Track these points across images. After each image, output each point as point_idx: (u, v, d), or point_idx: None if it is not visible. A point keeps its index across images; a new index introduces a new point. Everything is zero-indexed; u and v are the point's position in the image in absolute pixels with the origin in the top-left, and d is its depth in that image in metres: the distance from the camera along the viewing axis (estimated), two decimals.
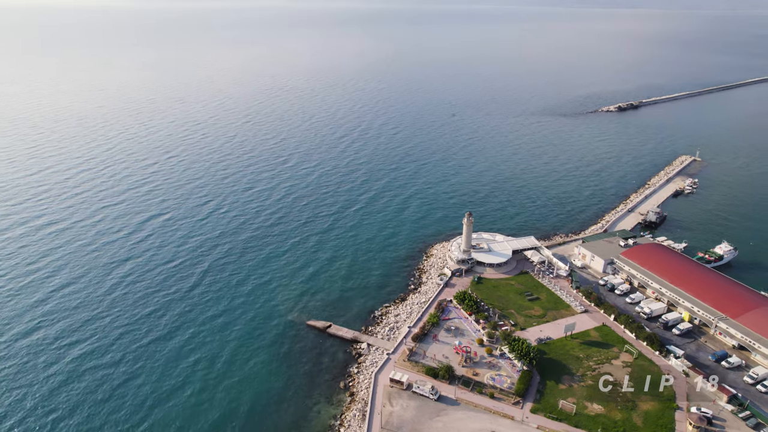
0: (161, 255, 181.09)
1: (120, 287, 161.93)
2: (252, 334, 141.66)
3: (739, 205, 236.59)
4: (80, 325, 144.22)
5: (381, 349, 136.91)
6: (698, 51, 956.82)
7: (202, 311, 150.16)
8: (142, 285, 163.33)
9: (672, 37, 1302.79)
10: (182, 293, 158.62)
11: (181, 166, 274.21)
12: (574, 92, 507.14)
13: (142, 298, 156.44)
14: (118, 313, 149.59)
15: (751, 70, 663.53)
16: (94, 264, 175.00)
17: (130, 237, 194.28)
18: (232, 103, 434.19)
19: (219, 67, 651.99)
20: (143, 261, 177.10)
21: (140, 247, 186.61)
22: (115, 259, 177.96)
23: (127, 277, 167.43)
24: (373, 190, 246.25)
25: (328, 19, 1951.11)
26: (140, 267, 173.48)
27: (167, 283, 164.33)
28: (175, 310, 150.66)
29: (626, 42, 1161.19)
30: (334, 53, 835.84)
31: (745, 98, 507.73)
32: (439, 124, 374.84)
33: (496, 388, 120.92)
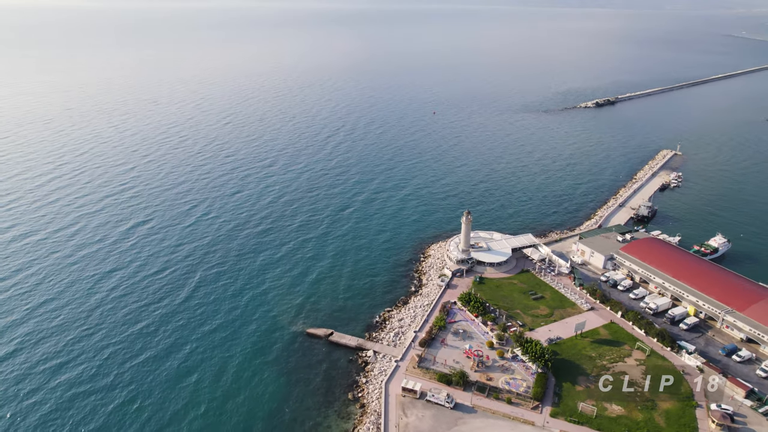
0: (149, 265, 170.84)
1: (106, 302, 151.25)
2: (252, 348, 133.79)
3: (724, 198, 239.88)
4: (65, 346, 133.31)
5: (388, 356, 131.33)
6: (664, 49, 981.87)
7: (197, 325, 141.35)
8: (130, 299, 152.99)
9: (638, 36, 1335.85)
10: (175, 306, 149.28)
11: (162, 170, 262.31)
12: (552, 89, 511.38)
13: (131, 314, 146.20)
14: (107, 330, 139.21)
15: (715, 67, 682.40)
16: (75, 278, 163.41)
17: (113, 247, 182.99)
18: (208, 104, 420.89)
19: (194, 67, 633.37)
20: (129, 272, 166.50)
21: (125, 258, 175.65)
22: (98, 272, 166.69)
23: (113, 290, 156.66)
24: (366, 191, 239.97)
25: (305, 19, 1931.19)
26: (127, 279, 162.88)
27: (158, 295, 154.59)
28: (168, 324, 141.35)
29: (595, 40, 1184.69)
30: (309, 53, 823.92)
31: (712, 93, 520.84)
32: (424, 122, 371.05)
33: (512, 393, 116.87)
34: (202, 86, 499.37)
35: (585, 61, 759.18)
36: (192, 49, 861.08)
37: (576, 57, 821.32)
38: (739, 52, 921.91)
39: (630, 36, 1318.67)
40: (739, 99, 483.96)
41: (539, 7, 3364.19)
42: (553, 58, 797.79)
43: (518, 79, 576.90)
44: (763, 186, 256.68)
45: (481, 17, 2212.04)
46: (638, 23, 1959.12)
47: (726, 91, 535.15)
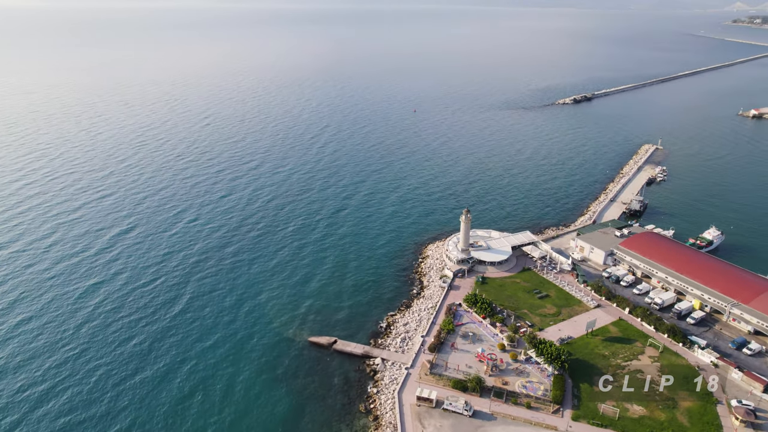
0: (136, 277, 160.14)
1: (92, 319, 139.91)
2: (255, 362, 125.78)
3: (710, 191, 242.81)
4: (49, 370, 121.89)
5: (397, 363, 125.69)
6: (632, 47, 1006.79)
7: (194, 340, 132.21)
8: (118, 314, 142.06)
9: (606, 34, 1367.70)
10: (168, 320, 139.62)
11: (141, 174, 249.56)
12: (529, 86, 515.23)
13: (121, 330, 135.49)
14: (95, 350, 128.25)
15: (681, 64, 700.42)
16: (56, 293, 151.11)
17: (96, 258, 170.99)
18: (183, 105, 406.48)
19: (165, 68, 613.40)
20: (116, 285, 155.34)
21: (109, 269, 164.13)
22: (80, 286, 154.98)
23: (99, 306, 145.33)
24: (359, 192, 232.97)
25: (275, 20, 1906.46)
26: (113, 293, 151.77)
27: (148, 309, 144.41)
28: (162, 341, 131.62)
29: (565, 39, 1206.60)
30: (284, 54, 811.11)
31: (682, 89, 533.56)
32: (408, 121, 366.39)
33: (531, 397, 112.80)
34: (175, 87, 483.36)
35: (558, 59, 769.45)
36: (162, 50, 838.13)
37: (549, 55, 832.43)
38: (701, 49, 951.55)
39: (599, 34, 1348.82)
40: (709, 94, 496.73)
41: (505, 6, 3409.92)
42: (526, 56, 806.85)
43: (494, 77, 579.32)
44: (745, 178, 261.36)
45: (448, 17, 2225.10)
46: (605, 22, 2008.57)
47: (695, 87, 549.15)
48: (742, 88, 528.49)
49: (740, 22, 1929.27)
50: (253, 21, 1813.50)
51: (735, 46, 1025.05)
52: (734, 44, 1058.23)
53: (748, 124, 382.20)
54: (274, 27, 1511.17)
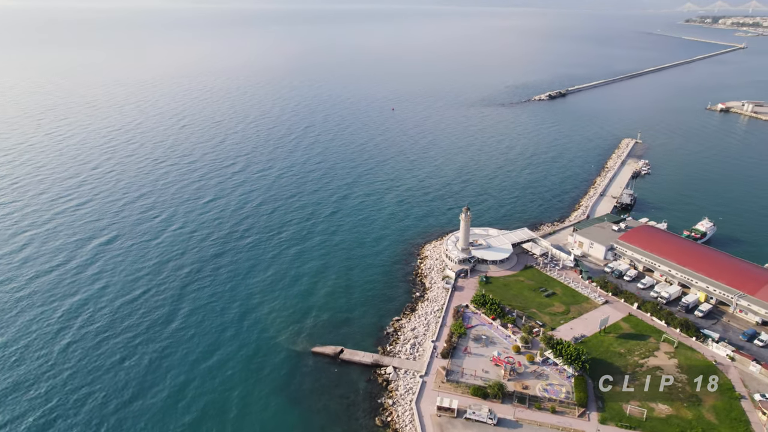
0: (122, 290, 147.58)
1: (78, 340, 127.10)
2: (258, 376, 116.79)
3: (694, 183, 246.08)
4: (32, 402, 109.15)
5: (410, 371, 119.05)
6: (595, 44, 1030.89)
7: (190, 355, 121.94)
8: (107, 333, 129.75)
9: (568, 33, 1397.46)
10: (161, 335, 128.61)
11: (117, 179, 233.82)
12: (503, 83, 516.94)
13: (111, 351, 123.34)
14: (83, 375, 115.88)
15: (644, 61, 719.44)
16: (34, 313, 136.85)
17: (76, 272, 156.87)
18: (154, 107, 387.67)
19: (131, 69, 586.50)
20: (101, 301, 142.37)
21: (92, 283, 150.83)
22: (61, 303, 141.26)
23: (84, 325, 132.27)
24: (350, 194, 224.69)
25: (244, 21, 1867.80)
26: (99, 309, 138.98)
27: (138, 324, 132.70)
28: (159, 360, 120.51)
29: (530, 37, 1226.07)
30: (256, 54, 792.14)
31: (650, 85, 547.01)
32: (384, 118, 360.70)
33: (554, 401, 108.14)
34: (143, 88, 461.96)
35: (527, 57, 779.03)
36: (128, 51, 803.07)
37: (517, 53, 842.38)
38: (662, 47, 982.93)
39: (562, 33, 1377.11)
40: (676, 90, 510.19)
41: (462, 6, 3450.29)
42: (496, 55, 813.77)
43: (467, 75, 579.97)
44: (725, 170, 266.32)
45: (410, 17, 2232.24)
46: (565, 21, 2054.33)
47: (661, 82, 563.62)
48: (704, 84, 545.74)
49: (693, 21, 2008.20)
50: (224, 22, 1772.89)
51: (692, 44, 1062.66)
52: (691, 42, 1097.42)
53: (716, 117, 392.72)
54: (244, 28, 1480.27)
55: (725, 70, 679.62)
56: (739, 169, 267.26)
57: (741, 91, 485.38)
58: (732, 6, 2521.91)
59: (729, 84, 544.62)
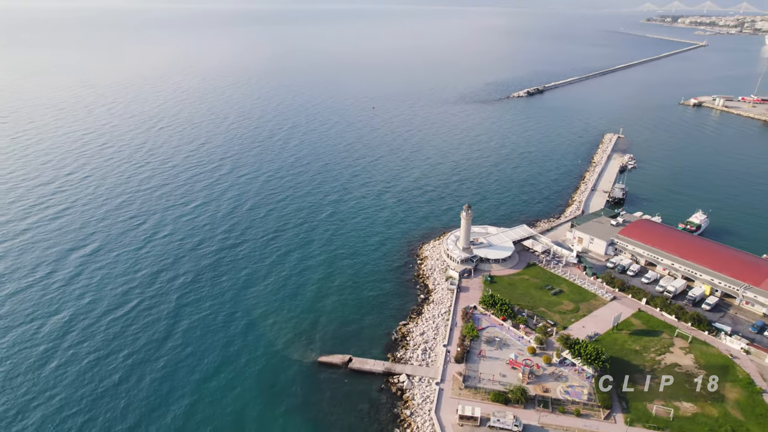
0: (107, 301, 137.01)
1: (65, 360, 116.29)
2: (266, 392, 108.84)
3: (680, 176, 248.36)
4: (17, 420, 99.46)
5: (425, 378, 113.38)
6: (565, 42, 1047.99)
7: (191, 371, 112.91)
8: (96, 351, 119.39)
9: (538, 31, 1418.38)
10: (154, 349, 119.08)
11: (92, 184, 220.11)
12: (480, 81, 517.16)
13: (102, 370, 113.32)
14: (69, 394, 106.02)
15: (613, 58, 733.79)
16: (15, 334, 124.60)
17: (58, 285, 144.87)
18: (124, 108, 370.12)
19: (98, 70, 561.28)
20: (88, 316, 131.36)
21: (72, 295, 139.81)
22: (39, 316, 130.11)
23: (72, 344, 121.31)
24: (342, 195, 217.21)
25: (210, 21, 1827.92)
26: (81, 321, 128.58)
27: (128, 339, 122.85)
28: (153, 375, 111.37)
29: (501, 36, 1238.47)
30: (228, 54, 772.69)
31: (622, 81, 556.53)
32: (368, 117, 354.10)
33: (577, 403, 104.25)
34: (111, 89, 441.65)
35: (500, 55, 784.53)
36: (97, 52, 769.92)
37: (491, 51, 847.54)
38: (629, 45, 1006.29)
39: (531, 31, 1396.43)
40: (648, 85, 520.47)
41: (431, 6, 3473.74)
42: (469, 53, 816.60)
43: (443, 73, 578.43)
44: (708, 163, 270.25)
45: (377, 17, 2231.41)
46: (531, 21, 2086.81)
47: (633, 79, 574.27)
48: (673, 80, 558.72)
49: (653, 20, 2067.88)
50: (195, 23, 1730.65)
51: (656, 41, 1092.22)
52: (655, 40, 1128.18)
53: (691, 112, 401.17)
54: (216, 28, 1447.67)
55: (690, 66, 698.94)
56: (721, 162, 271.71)
57: (708, 87, 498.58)
58: (688, 6, 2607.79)
59: (696, 80, 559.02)
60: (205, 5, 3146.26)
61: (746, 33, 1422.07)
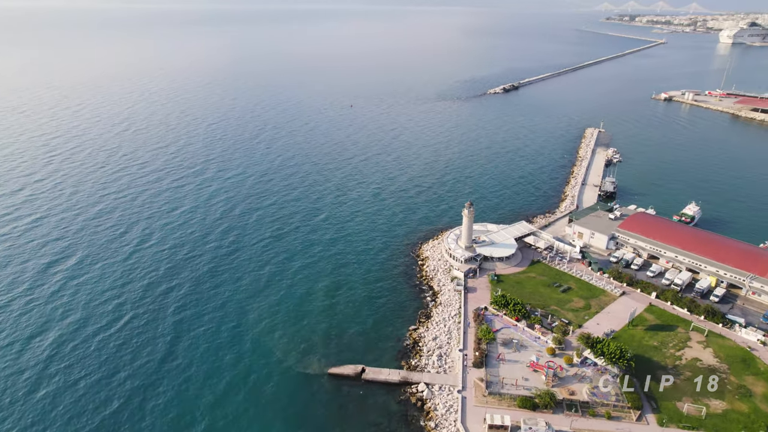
0: (93, 318, 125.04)
1: (46, 380, 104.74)
2: (281, 413, 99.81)
3: (664, 168, 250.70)
4: None
5: (445, 386, 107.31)
6: (534, 40, 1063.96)
7: (189, 388, 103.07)
8: (81, 368, 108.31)
9: (506, 30, 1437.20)
10: (149, 368, 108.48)
11: (66, 191, 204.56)
12: (455, 78, 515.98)
13: (90, 390, 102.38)
14: (61, 424, 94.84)
15: (582, 55, 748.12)
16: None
17: (33, 299, 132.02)
18: (91, 110, 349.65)
19: (57, 71, 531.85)
20: (68, 332, 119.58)
21: (54, 312, 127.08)
22: (18, 338, 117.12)
23: (49, 360, 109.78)
24: (329, 194, 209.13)
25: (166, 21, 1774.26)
26: (67, 341, 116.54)
27: (120, 358, 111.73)
28: (154, 400, 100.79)
29: (469, 34, 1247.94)
30: (193, 54, 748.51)
31: (593, 77, 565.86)
32: (351, 116, 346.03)
33: (607, 405, 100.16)
34: (77, 91, 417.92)
35: (472, 53, 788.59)
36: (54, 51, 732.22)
37: (462, 49, 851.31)
38: (593, 42, 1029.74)
39: (497, 30, 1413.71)
40: (618, 81, 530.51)
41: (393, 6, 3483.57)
42: (440, 51, 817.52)
43: (418, 72, 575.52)
44: (690, 155, 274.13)
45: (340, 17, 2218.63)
46: (497, 20, 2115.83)
47: (602, 75, 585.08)
48: (639, 76, 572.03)
49: (612, 19, 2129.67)
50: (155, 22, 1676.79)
51: (618, 39, 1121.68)
52: (617, 38, 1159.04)
53: (662, 106, 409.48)
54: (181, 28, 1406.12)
55: (654, 62, 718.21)
56: (701, 154, 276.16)
57: (674, 82, 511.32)
58: (643, 6, 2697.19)
59: (662, 75, 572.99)
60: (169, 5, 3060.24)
61: (700, 31, 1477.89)
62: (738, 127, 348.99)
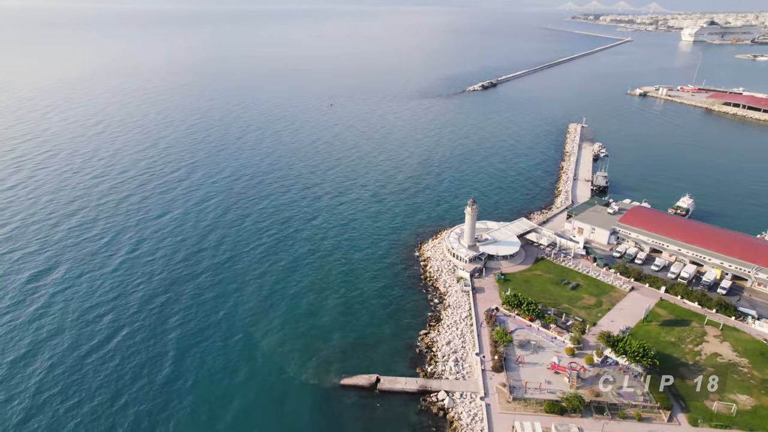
0: (78, 334, 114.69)
1: (27, 404, 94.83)
2: (291, 429, 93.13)
3: (651, 162, 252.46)
4: None
5: (466, 393, 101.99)
6: (504, 38, 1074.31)
7: (195, 410, 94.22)
8: (73, 393, 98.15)
9: (475, 28, 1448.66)
10: (150, 389, 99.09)
11: (34, 195, 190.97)
12: (432, 76, 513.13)
13: (81, 416, 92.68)
14: None
15: (552, 53, 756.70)
16: None
17: (14, 317, 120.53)
18: (60, 112, 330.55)
19: (20, 72, 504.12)
20: (51, 348, 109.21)
21: (33, 328, 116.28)
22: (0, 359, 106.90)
23: (28, 381, 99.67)
24: (323, 195, 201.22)
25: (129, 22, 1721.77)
26: (50, 359, 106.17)
27: (116, 378, 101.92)
28: (164, 426, 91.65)
29: (442, 33, 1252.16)
30: (162, 55, 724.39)
31: (567, 73, 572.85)
32: (334, 116, 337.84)
33: (636, 407, 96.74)
34: (43, 93, 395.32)
35: (447, 51, 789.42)
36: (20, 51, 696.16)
37: (436, 48, 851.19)
38: (562, 40, 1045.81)
39: (468, 29, 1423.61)
40: (592, 77, 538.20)
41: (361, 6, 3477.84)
42: (416, 50, 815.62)
43: (397, 71, 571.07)
44: (674, 148, 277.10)
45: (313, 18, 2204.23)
46: (468, 19, 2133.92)
47: (576, 71, 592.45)
48: (611, 72, 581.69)
49: (578, 18, 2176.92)
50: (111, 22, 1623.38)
51: (586, 37, 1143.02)
52: (585, 36, 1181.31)
53: (638, 101, 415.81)
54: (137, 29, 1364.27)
55: (623, 59, 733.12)
56: (685, 148, 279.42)
57: (645, 78, 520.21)
58: (605, 6, 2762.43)
59: (633, 71, 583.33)
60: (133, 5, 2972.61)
61: (662, 30, 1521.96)
62: (712, 120, 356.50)
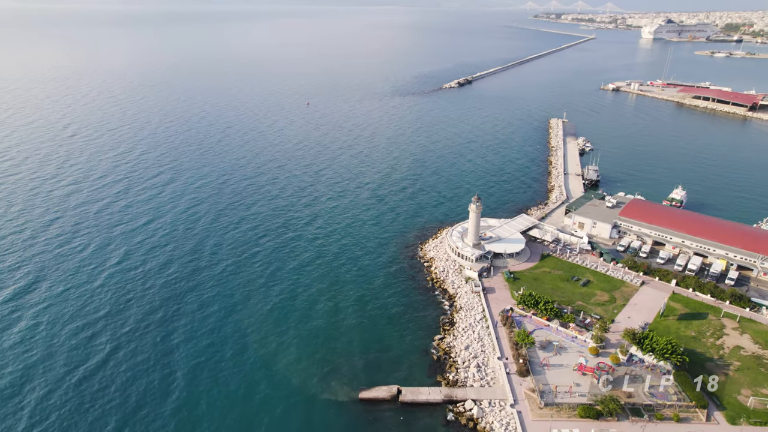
0: (68, 355, 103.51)
1: None
2: None
3: (635, 155, 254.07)
4: None
5: (494, 402, 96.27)
6: (471, 37, 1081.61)
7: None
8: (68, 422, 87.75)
9: (442, 27, 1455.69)
10: (156, 413, 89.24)
11: (12, 207, 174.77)
12: (406, 74, 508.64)
13: None
14: None
15: (524, 50, 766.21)
16: None
17: None
18: (17, 114, 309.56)
19: None
20: (39, 373, 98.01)
21: (19, 351, 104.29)
22: None
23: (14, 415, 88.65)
24: (318, 197, 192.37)
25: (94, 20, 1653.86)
26: (39, 386, 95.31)
27: (115, 402, 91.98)
28: None
29: (407, 32, 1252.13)
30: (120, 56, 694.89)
31: (538, 70, 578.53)
32: (316, 114, 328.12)
33: (673, 407, 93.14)
34: None
35: (418, 49, 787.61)
36: None
37: (406, 46, 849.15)
38: (528, 38, 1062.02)
39: (434, 28, 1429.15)
40: (563, 73, 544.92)
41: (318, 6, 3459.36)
42: (388, 49, 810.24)
43: (369, 69, 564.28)
44: (656, 141, 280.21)
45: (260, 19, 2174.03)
46: (430, 18, 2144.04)
47: (547, 68, 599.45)
48: (582, 68, 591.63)
49: (540, 17, 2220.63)
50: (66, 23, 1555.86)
51: (551, 35, 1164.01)
52: (550, 34, 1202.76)
53: (611, 96, 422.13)
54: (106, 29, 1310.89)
55: (590, 56, 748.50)
56: (665, 140, 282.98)
57: (614, 73, 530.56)
58: (564, 5, 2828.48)
59: (602, 67, 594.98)
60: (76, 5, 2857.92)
61: (621, 28, 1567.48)
62: (685, 113, 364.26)
